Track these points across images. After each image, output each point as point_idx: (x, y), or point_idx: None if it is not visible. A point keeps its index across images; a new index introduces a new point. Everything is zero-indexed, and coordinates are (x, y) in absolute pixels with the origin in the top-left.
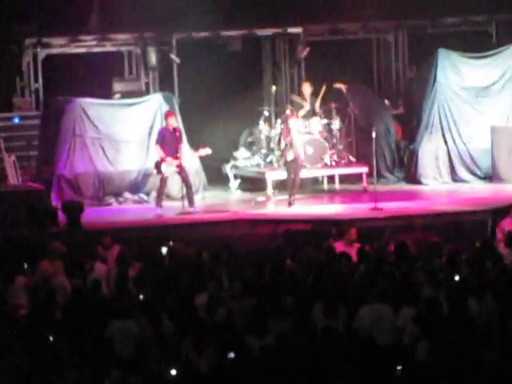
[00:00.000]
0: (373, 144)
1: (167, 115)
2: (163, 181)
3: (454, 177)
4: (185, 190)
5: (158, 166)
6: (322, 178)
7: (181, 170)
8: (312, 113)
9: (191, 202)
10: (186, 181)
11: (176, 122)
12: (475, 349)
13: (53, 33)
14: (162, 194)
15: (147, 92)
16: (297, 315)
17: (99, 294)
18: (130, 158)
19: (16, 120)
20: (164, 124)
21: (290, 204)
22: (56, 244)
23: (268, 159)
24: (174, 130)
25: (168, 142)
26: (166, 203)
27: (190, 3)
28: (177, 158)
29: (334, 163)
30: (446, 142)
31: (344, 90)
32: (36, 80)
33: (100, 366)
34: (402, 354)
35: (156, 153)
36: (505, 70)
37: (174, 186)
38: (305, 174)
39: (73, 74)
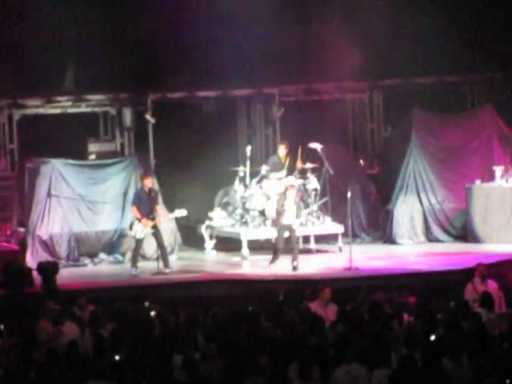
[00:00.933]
0: (348, 204)
1: (143, 176)
2: (139, 242)
3: (430, 236)
4: (159, 251)
5: (132, 227)
6: (298, 237)
7: (156, 232)
8: (288, 172)
9: (166, 264)
10: (160, 242)
11: (151, 183)
12: None
13: (28, 94)
14: (137, 254)
15: (122, 153)
16: (272, 375)
17: (76, 354)
18: (105, 218)
19: None
20: (139, 185)
21: (295, 268)
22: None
23: (243, 219)
24: (150, 191)
25: (144, 203)
26: (141, 264)
27: (165, 64)
28: (152, 219)
29: (309, 223)
30: (421, 202)
31: (319, 150)
32: (11, 141)
33: None
34: None
35: (131, 213)
36: (480, 130)
37: (150, 246)
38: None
39: (48, 135)
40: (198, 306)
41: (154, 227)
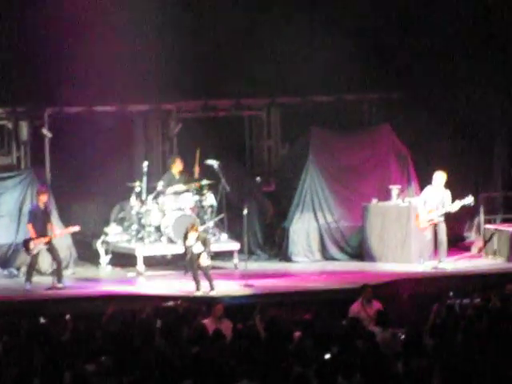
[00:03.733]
0: (244, 221)
1: (39, 192)
2: (33, 257)
3: (325, 254)
4: (55, 265)
5: (27, 244)
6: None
7: (50, 247)
8: (184, 189)
9: (59, 279)
10: (56, 257)
11: (47, 198)
12: None
13: None
14: (32, 270)
15: (19, 166)
16: None
17: None
18: (0, 232)
19: None
20: (35, 201)
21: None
22: None
23: (139, 235)
24: (45, 206)
25: (39, 219)
26: (36, 278)
27: (62, 78)
28: (46, 235)
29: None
30: (317, 220)
31: (216, 167)
32: None
33: None
34: None
35: (27, 228)
36: (377, 148)
37: (44, 260)
38: (175, 249)
39: None
40: (92, 321)
41: (49, 243)
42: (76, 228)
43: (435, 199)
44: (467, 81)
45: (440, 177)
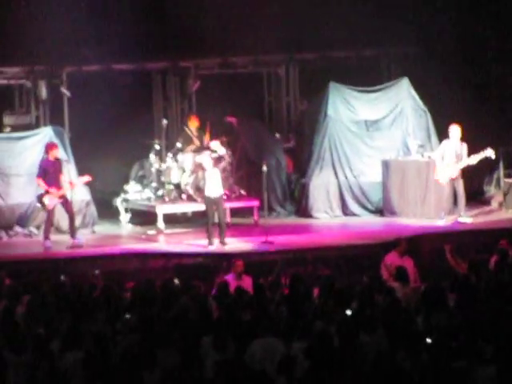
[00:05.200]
0: (263, 178)
1: (49, 147)
2: (50, 212)
3: (345, 210)
4: (68, 220)
5: (40, 199)
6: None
7: (64, 201)
8: (201, 147)
9: (72, 234)
10: (68, 211)
11: (58, 153)
12: (366, 382)
13: None
14: (49, 226)
15: (37, 126)
16: (185, 349)
17: None
18: (19, 191)
19: None
20: (44, 156)
21: (222, 244)
22: None
23: (159, 193)
24: (56, 160)
25: (50, 173)
26: (56, 237)
27: (80, 37)
28: (59, 188)
29: (224, 197)
30: (336, 176)
31: (235, 124)
32: None
33: None
34: None
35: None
36: (395, 103)
37: (64, 219)
38: (195, 207)
39: None
40: (113, 280)
41: (62, 196)
42: (86, 178)
43: (452, 153)
44: (485, 34)
45: (455, 130)
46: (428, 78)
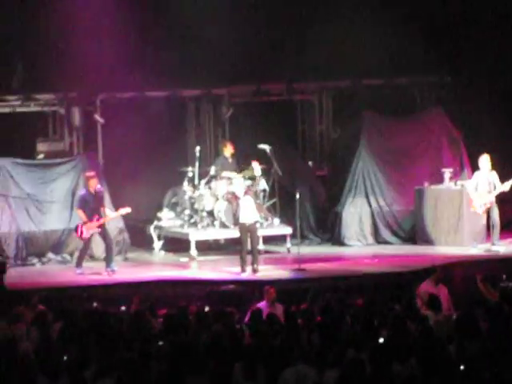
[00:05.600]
0: (297, 205)
1: (88, 178)
2: (86, 242)
3: (378, 238)
4: (106, 250)
5: (78, 229)
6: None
7: (103, 231)
8: (235, 174)
9: (109, 263)
10: (106, 241)
11: (97, 183)
12: None
13: None
14: (84, 254)
15: (71, 152)
16: (216, 375)
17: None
18: (53, 218)
19: None
20: (84, 187)
21: (255, 271)
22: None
23: (192, 220)
24: (96, 191)
25: (90, 204)
26: (89, 263)
27: (114, 63)
28: (98, 219)
29: (258, 225)
30: (369, 204)
31: (268, 151)
32: None
33: None
34: None
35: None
36: (428, 132)
37: (98, 246)
38: (228, 234)
39: None
40: (145, 306)
41: (101, 227)
42: (127, 209)
43: (485, 182)
44: None
45: (485, 160)
46: (461, 106)
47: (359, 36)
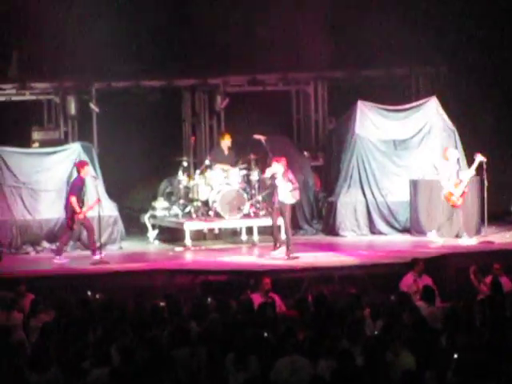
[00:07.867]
0: None
1: (82, 165)
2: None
3: (372, 229)
4: (88, 237)
5: (69, 223)
6: (241, 229)
7: (84, 219)
8: (231, 164)
9: (93, 251)
10: (87, 228)
11: (90, 170)
12: None
13: None
14: (67, 242)
15: (66, 141)
16: (210, 365)
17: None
18: (48, 206)
19: None
20: (77, 175)
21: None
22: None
23: (186, 210)
24: (88, 179)
25: (80, 193)
26: (83, 252)
27: (110, 53)
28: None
29: (252, 214)
30: (364, 195)
31: (263, 141)
32: None
33: None
34: None
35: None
36: (424, 123)
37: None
38: (223, 224)
39: None
40: (142, 296)
41: (84, 215)
42: (96, 201)
43: (454, 172)
44: None
45: (454, 154)
46: (457, 97)
47: (355, 27)
